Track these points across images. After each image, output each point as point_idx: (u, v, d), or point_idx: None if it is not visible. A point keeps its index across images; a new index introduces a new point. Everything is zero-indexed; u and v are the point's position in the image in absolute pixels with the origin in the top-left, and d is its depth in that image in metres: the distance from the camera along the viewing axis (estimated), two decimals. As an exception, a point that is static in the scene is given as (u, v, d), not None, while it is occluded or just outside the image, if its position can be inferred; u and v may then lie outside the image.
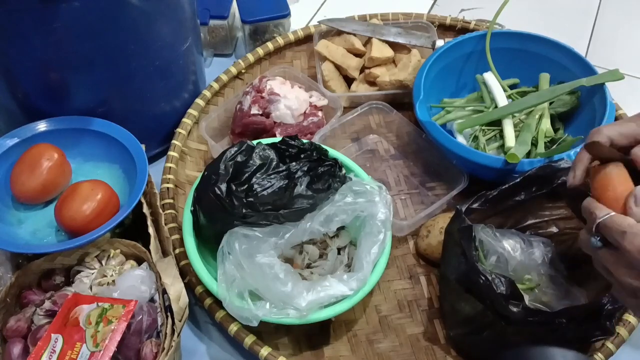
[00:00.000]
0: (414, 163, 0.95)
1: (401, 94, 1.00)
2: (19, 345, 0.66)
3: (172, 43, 0.85)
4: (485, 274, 0.64)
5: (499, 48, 0.96)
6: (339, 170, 0.73)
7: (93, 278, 0.71)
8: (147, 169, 0.76)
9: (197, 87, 0.98)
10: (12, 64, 0.75)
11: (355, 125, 0.98)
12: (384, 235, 0.72)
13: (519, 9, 1.21)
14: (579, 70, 0.92)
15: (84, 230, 0.70)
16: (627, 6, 1.29)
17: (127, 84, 0.83)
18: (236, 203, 0.67)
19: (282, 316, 0.67)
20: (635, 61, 1.17)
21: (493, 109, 0.92)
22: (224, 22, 1.09)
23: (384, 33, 1.04)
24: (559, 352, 0.61)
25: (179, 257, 0.79)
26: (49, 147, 0.76)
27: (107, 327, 0.64)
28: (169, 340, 0.64)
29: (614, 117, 0.85)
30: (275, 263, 0.68)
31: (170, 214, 0.84)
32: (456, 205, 0.73)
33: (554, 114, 0.93)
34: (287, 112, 0.90)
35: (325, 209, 0.70)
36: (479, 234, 0.74)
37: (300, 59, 1.09)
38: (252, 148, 0.72)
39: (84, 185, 0.74)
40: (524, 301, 0.63)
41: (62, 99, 0.80)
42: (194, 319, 0.79)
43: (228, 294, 0.67)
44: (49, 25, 0.70)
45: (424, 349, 0.76)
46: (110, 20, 0.73)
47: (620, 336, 0.72)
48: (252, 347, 0.72)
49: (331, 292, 0.68)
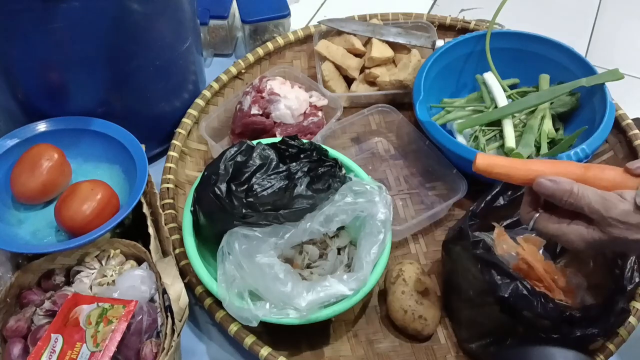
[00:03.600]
0: (414, 163, 0.95)
1: (401, 94, 1.00)
2: (19, 345, 0.66)
3: (172, 43, 0.85)
4: (534, 296, 0.64)
5: (499, 48, 0.96)
6: (339, 171, 0.73)
7: (93, 278, 0.71)
8: (147, 169, 0.76)
9: (197, 87, 0.98)
10: (13, 64, 0.75)
11: (355, 125, 0.98)
12: (384, 235, 0.72)
13: (519, 9, 1.21)
14: (579, 70, 0.92)
15: (84, 230, 0.70)
16: (627, 6, 1.29)
17: (127, 84, 0.83)
18: (236, 203, 0.67)
19: (282, 316, 0.67)
20: (635, 61, 1.17)
21: (493, 109, 0.92)
22: (224, 22, 1.09)
23: (384, 33, 1.04)
24: (559, 352, 0.61)
25: (179, 257, 0.79)
26: (49, 147, 0.76)
27: (108, 327, 0.63)
28: (169, 340, 0.64)
29: (613, 117, 0.85)
30: (275, 263, 0.68)
31: (170, 214, 0.84)
32: (452, 215, 0.73)
33: (554, 114, 0.93)
34: (287, 112, 0.90)
35: (325, 209, 0.70)
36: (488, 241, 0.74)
37: (300, 59, 1.09)
38: (252, 148, 0.72)
39: (84, 185, 0.74)
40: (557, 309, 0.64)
41: (62, 99, 0.80)
42: (194, 319, 0.79)
43: (228, 294, 0.67)
44: (49, 25, 0.70)
45: (424, 349, 0.76)
46: (110, 20, 0.73)
47: (620, 336, 0.72)
48: (252, 347, 0.72)
49: (331, 292, 0.68)
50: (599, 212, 0.54)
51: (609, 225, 0.54)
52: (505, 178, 0.59)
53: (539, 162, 0.59)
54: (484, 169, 0.59)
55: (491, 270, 0.67)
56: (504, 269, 0.66)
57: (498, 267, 0.67)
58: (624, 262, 0.68)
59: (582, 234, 0.55)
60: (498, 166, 0.59)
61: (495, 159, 0.60)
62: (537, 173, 0.57)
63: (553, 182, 0.56)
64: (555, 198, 0.56)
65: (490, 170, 0.59)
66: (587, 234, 0.55)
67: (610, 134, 0.86)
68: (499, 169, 0.59)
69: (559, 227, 0.57)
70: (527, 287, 0.65)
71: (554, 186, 0.56)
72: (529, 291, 0.64)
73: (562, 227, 0.57)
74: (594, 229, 0.55)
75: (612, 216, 0.53)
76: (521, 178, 0.59)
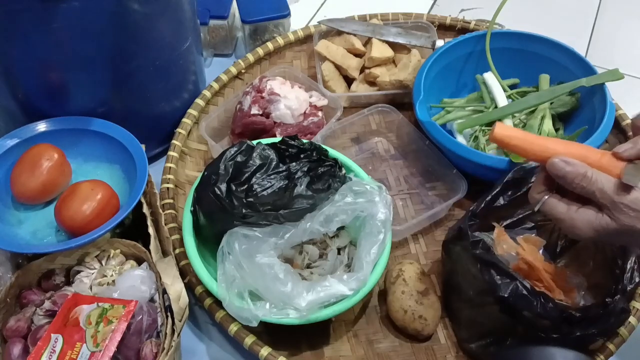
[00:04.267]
0: (414, 163, 0.95)
1: (401, 94, 1.00)
2: (19, 345, 0.66)
3: (172, 43, 0.85)
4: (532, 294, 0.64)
5: (499, 48, 0.96)
6: (339, 170, 0.73)
7: (93, 278, 0.71)
8: (147, 169, 0.76)
9: (197, 87, 0.98)
10: (12, 64, 0.75)
11: (355, 125, 0.98)
12: (384, 235, 0.72)
13: (519, 9, 1.21)
14: (579, 70, 0.92)
15: (84, 230, 0.70)
16: (627, 6, 1.29)
17: (127, 84, 0.83)
18: (236, 203, 0.67)
19: (282, 316, 0.67)
20: (635, 61, 1.17)
21: (493, 109, 0.92)
22: (224, 22, 1.09)
23: (384, 33, 1.04)
24: (559, 352, 0.61)
25: (179, 257, 0.79)
26: (49, 147, 0.76)
27: (108, 327, 0.64)
28: (169, 340, 0.64)
29: (613, 117, 0.85)
30: (275, 263, 0.68)
31: (170, 214, 0.84)
32: (452, 215, 0.73)
33: (554, 114, 0.93)
34: (287, 112, 0.90)
35: (325, 209, 0.70)
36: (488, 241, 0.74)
37: (300, 59, 1.09)
38: (252, 148, 0.72)
39: (84, 185, 0.73)
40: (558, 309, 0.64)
41: (62, 99, 0.80)
42: (194, 319, 0.79)
43: (228, 294, 0.67)
44: (49, 25, 0.70)
45: (424, 349, 0.76)
46: (110, 20, 0.73)
47: (620, 336, 0.72)
48: (252, 347, 0.72)
49: (331, 292, 0.68)
50: (610, 197, 0.53)
51: (619, 212, 0.53)
52: (521, 152, 0.59)
53: (555, 141, 0.58)
54: (501, 139, 0.59)
55: (491, 270, 0.67)
56: (503, 269, 0.66)
57: (498, 267, 0.67)
58: (624, 262, 0.68)
59: (591, 219, 0.54)
60: (515, 138, 0.59)
61: (513, 130, 0.60)
62: (552, 152, 0.57)
63: (567, 164, 0.55)
64: (566, 180, 0.55)
65: (508, 142, 0.59)
66: (596, 219, 0.54)
67: (610, 134, 0.86)
68: (516, 140, 0.59)
69: (568, 211, 0.56)
70: (527, 287, 0.64)
71: (567, 167, 0.55)
72: (529, 291, 0.64)
73: (571, 212, 0.55)
74: (603, 215, 0.54)
75: (624, 202, 0.52)
76: (536, 154, 0.58)
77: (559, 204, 0.57)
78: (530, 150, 0.58)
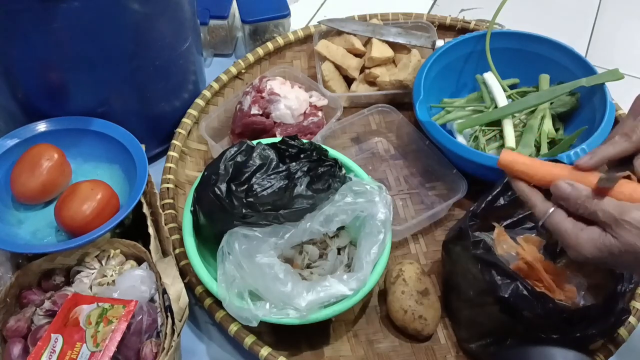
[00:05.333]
0: (414, 163, 0.95)
1: (401, 94, 1.00)
2: (19, 345, 0.66)
3: (172, 43, 0.85)
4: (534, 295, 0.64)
5: (499, 48, 0.96)
6: (339, 170, 0.73)
7: (93, 278, 0.71)
8: (147, 169, 0.76)
9: (197, 87, 0.98)
10: (12, 64, 0.75)
11: (355, 125, 0.98)
12: (384, 235, 0.72)
13: (519, 9, 1.21)
14: (579, 70, 0.92)
15: (84, 230, 0.70)
16: (627, 6, 1.29)
17: (127, 84, 0.83)
18: (236, 203, 0.67)
19: (282, 316, 0.67)
20: (635, 61, 1.17)
21: (493, 109, 0.92)
22: (224, 22, 1.09)
23: (384, 33, 1.04)
24: (559, 352, 0.61)
25: (179, 257, 0.79)
26: (49, 147, 0.76)
27: (108, 327, 0.64)
28: (169, 340, 0.64)
29: (613, 117, 0.85)
30: (275, 263, 0.68)
31: (170, 214, 0.84)
32: (452, 215, 0.73)
33: (554, 114, 0.93)
34: (287, 112, 0.90)
35: (325, 209, 0.70)
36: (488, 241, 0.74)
37: (300, 59, 1.09)
38: (252, 148, 0.72)
39: (84, 185, 0.74)
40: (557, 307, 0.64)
41: (62, 99, 0.80)
42: (194, 319, 0.79)
43: (228, 294, 0.67)
44: (49, 25, 0.70)
45: (424, 349, 0.76)
46: (110, 20, 0.73)
47: (620, 336, 0.72)
48: (252, 347, 0.72)
49: (331, 292, 0.68)
50: (612, 215, 0.53)
51: (622, 229, 0.53)
52: (525, 177, 0.60)
53: (560, 167, 0.60)
54: (506, 164, 0.60)
55: (491, 271, 0.67)
56: (504, 269, 0.66)
57: (498, 267, 0.67)
58: (624, 262, 0.68)
59: (595, 237, 0.55)
60: (519, 164, 0.60)
61: (518, 156, 0.61)
62: (557, 177, 0.58)
63: (571, 186, 0.56)
64: (570, 202, 0.56)
65: (512, 167, 0.60)
66: (599, 237, 0.55)
67: (610, 134, 0.86)
68: (520, 166, 0.60)
69: (573, 229, 0.56)
70: (527, 287, 0.65)
71: (571, 189, 0.56)
72: (529, 291, 0.64)
73: (577, 229, 0.56)
74: (606, 234, 0.54)
75: (626, 219, 0.53)
76: (540, 179, 0.59)
77: (565, 219, 0.57)
78: (535, 175, 0.59)
